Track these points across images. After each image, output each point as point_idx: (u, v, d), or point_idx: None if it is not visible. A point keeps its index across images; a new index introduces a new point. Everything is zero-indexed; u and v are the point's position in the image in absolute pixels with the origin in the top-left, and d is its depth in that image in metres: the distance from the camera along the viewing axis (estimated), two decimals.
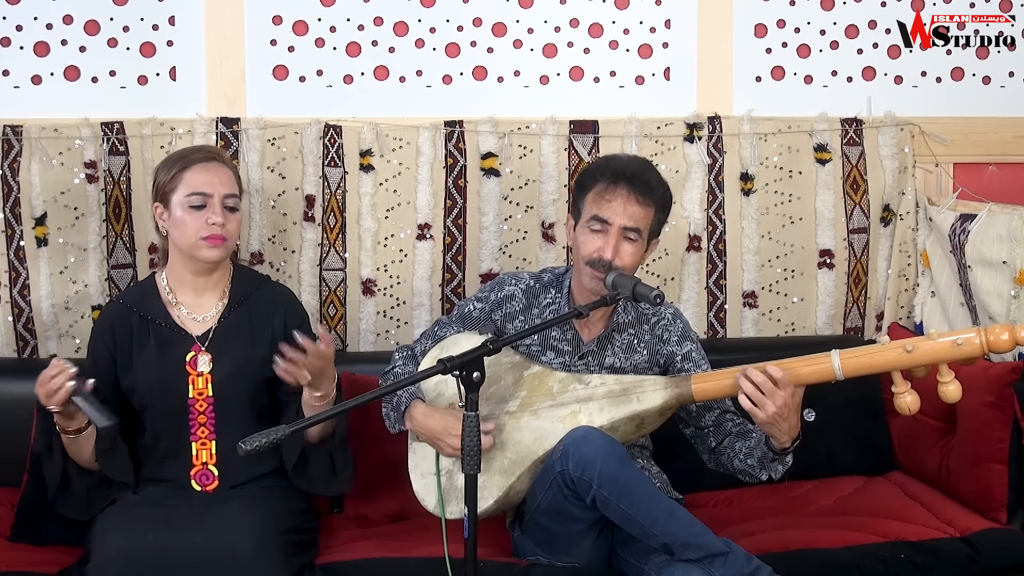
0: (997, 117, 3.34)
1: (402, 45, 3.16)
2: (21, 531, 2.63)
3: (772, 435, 2.37)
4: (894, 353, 2.31)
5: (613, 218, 2.50)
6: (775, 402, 2.30)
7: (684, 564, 2.27)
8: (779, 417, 2.31)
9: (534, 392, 2.51)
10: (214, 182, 2.57)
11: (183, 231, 2.56)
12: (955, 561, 2.51)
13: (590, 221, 2.52)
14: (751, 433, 2.49)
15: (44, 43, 3.04)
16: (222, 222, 2.55)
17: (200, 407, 2.58)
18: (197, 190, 2.55)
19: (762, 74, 3.27)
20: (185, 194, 2.55)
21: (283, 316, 2.67)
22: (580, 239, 2.54)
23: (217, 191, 2.56)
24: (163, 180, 2.59)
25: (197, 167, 2.58)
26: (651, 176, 2.56)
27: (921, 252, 3.30)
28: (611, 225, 2.50)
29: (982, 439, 2.75)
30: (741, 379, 2.33)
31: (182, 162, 2.59)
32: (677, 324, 2.67)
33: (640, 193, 2.51)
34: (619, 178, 2.52)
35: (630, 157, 2.65)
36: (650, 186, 2.53)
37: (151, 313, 2.61)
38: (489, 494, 2.44)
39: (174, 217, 2.57)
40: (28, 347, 3.04)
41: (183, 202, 2.55)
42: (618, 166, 2.55)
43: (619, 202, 2.50)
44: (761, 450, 2.43)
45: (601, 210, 2.51)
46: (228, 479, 2.56)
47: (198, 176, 2.56)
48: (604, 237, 2.50)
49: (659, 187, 2.56)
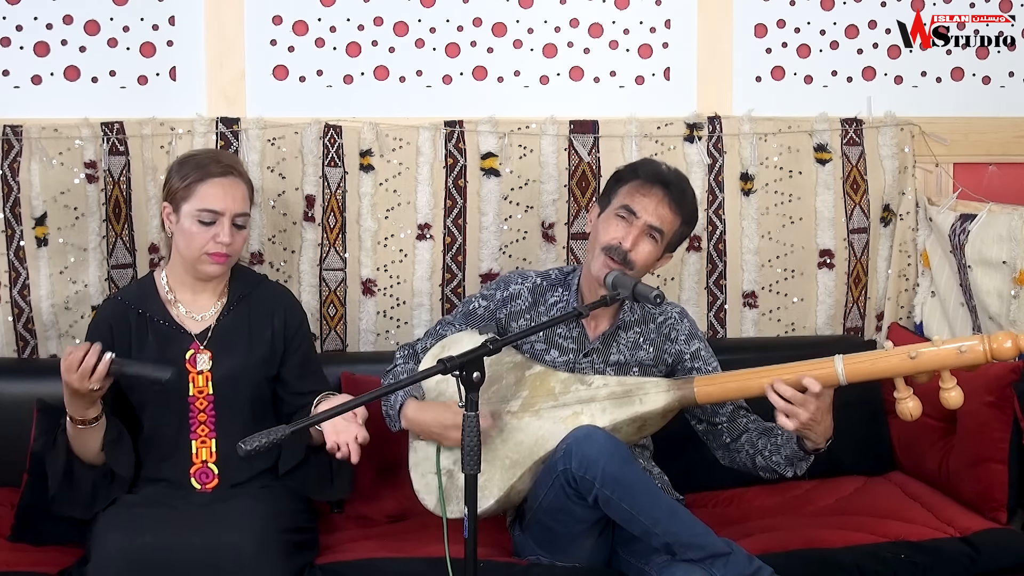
0: (997, 117, 3.34)
1: (402, 45, 3.15)
2: (21, 531, 2.63)
3: (807, 438, 2.37)
4: (897, 359, 2.31)
5: (642, 213, 2.54)
6: (807, 409, 2.30)
7: (686, 564, 2.27)
8: (813, 422, 2.31)
9: (536, 392, 2.51)
10: (227, 200, 2.54)
11: (189, 242, 2.55)
12: (955, 561, 2.51)
13: (619, 209, 2.56)
14: (775, 430, 2.49)
15: (44, 43, 3.04)
16: (229, 242, 2.54)
17: (200, 405, 2.58)
18: (209, 207, 2.53)
19: (762, 74, 3.27)
20: (197, 208, 2.53)
21: (283, 316, 2.67)
22: (602, 226, 2.57)
23: (229, 209, 2.54)
24: (176, 185, 2.56)
25: (213, 181, 2.54)
26: (687, 188, 2.63)
27: (921, 252, 3.29)
28: (638, 218, 2.54)
29: (982, 439, 2.75)
30: (770, 392, 2.33)
31: (199, 172, 2.55)
32: (684, 323, 2.68)
33: (674, 199, 2.57)
34: (658, 179, 2.58)
35: (671, 167, 2.68)
36: (685, 196, 2.60)
37: (150, 311, 2.61)
38: (490, 494, 2.44)
39: (182, 225, 2.55)
40: (28, 347, 3.04)
41: (193, 215, 2.53)
42: (659, 170, 2.61)
43: (653, 200, 2.55)
44: (791, 448, 2.43)
45: (634, 202, 2.55)
46: (228, 477, 2.57)
47: (212, 192, 2.54)
48: (628, 228, 2.54)
49: (691, 202, 2.62)
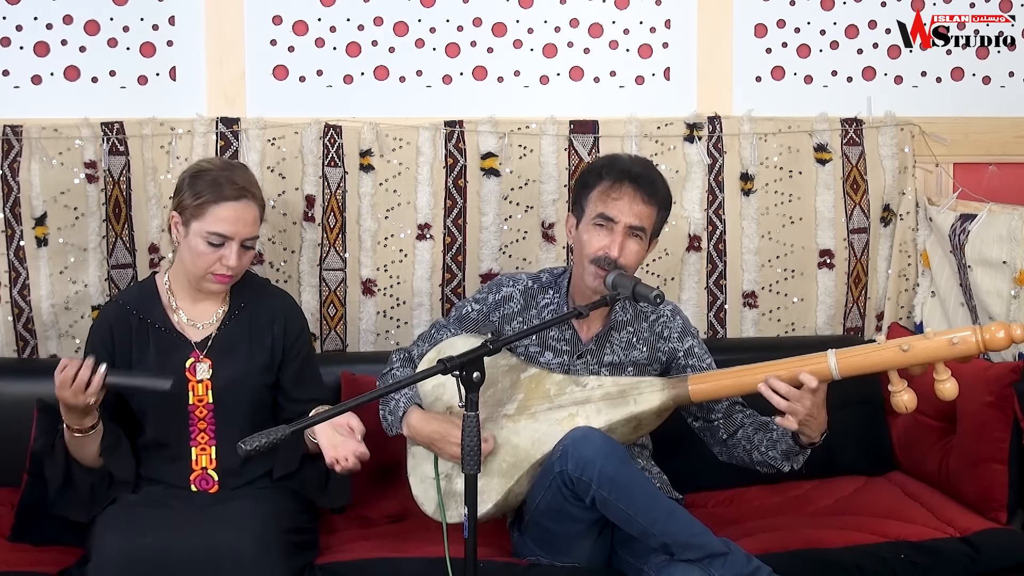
0: (997, 117, 3.34)
1: (402, 45, 3.15)
2: (21, 531, 2.62)
3: (802, 433, 2.38)
4: (890, 352, 2.31)
5: (619, 216, 2.50)
6: (803, 405, 2.31)
7: (684, 564, 2.27)
8: (809, 418, 2.33)
9: (531, 395, 2.51)
10: (238, 225, 2.51)
11: (195, 261, 2.53)
12: (955, 561, 2.51)
13: (595, 219, 2.52)
14: (770, 425, 2.49)
15: (44, 43, 3.04)
16: (235, 265, 2.52)
17: (200, 413, 2.57)
18: (219, 231, 2.50)
19: (762, 74, 3.27)
20: (207, 230, 2.50)
21: (283, 323, 2.66)
22: (584, 237, 2.54)
23: (239, 234, 2.51)
24: (188, 201, 2.52)
25: (226, 205, 2.50)
26: (655, 176, 2.58)
27: (921, 252, 3.29)
28: (617, 223, 2.50)
29: (982, 439, 2.75)
30: (766, 391, 2.34)
31: (212, 194, 2.50)
32: (677, 320, 2.67)
33: (646, 192, 2.52)
34: (624, 177, 2.53)
35: (632, 157, 2.66)
36: (655, 186, 2.55)
37: (151, 316, 2.61)
38: (488, 498, 2.43)
39: (190, 241, 2.52)
40: (28, 347, 3.04)
41: (203, 235, 2.50)
42: (623, 165, 2.56)
43: (625, 201, 2.51)
44: (786, 443, 2.44)
45: (608, 208, 2.51)
46: (228, 484, 2.57)
47: (225, 215, 2.50)
48: (610, 235, 2.50)
49: (663, 187, 2.58)
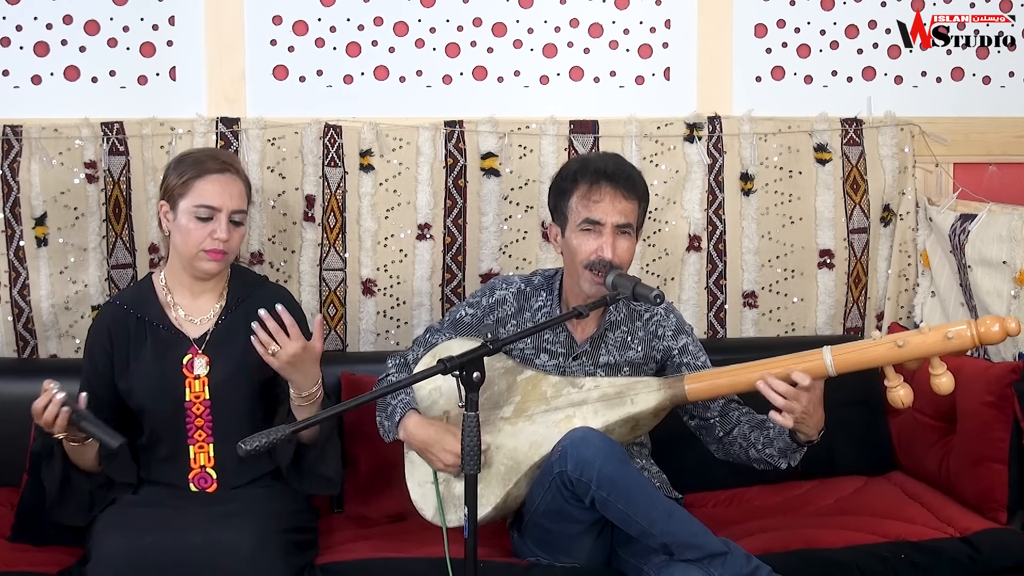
0: (997, 117, 3.34)
1: (402, 45, 3.15)
2: (21, 531, 2.63)
3: (799, 430, 2.38)
4: (885, 348, 2.31)
5: (605, 218, 2.49)
6: (800, 403, 2.31)
7: (683, 564, 2.27)
8: (806, 415, 2.33)
9: (528, 397, 2.51)
10: (224, 196, 2.54)
11: (186, 239, 2.54)
12: (955, 561, 2.51)
13: (581, 224, 2.50)
14: (767, 423, 2.48)
15: (44, 43, 3.04)
16: (226, 238, 2.53)
17: (197, 410, 2.57)
18: (206, 203, 2.52)
19: (762, 74, 3.27)
20: (193, 204, 2.52)
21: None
22: (573, 243, 2.52)
23: (226, 206, 2.53)
24: (173, 183, 2.56)
25: (210, 177, 2.54)
26: (630, 170, 2.56)
27: (921, 252, 3.29)
28: (604, 225, 2.49)
29: (982, 439, 2.75)
30: (764, 389, 2.34)
31: (196, 169, 2.55)
32: (671, 319, 2.66)
33: (625, 189, 2.50)
34: (601, 177, 2.50)
35: (601, 154, 2.64)
36: (632, 180, 2.53)
37: (148, 315, 2.61)
38: (487, 501, 2.43)
39: (179, 222, 2.55)
40: (28, 347, 3.04)
41: (190, 211, 2.53)
42: (595, 166, 2.54)
43: (607, 201, 2.49)
44: (784, 441, 2.44)
45: (591, 212, 2.49)
46: (226, 482, 2.56)
47: (209, 188, 2.53)
48: (599, 238, 2.49)
49: (639, 179, 2.56)
